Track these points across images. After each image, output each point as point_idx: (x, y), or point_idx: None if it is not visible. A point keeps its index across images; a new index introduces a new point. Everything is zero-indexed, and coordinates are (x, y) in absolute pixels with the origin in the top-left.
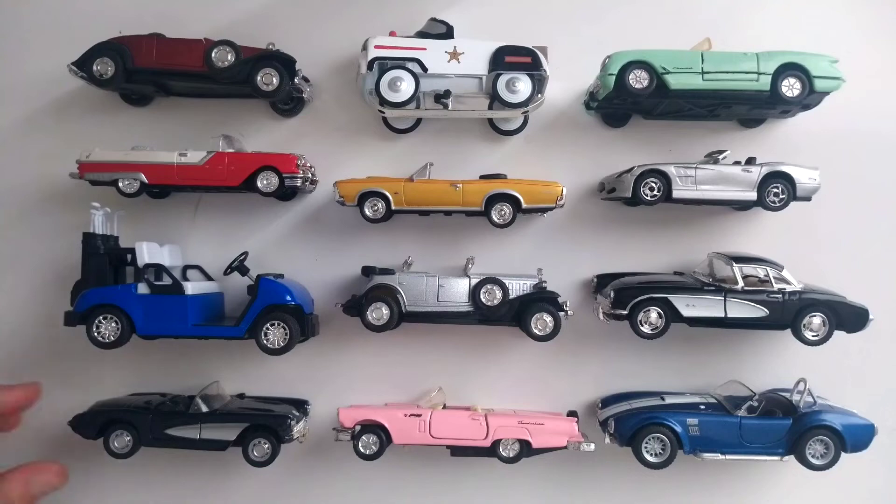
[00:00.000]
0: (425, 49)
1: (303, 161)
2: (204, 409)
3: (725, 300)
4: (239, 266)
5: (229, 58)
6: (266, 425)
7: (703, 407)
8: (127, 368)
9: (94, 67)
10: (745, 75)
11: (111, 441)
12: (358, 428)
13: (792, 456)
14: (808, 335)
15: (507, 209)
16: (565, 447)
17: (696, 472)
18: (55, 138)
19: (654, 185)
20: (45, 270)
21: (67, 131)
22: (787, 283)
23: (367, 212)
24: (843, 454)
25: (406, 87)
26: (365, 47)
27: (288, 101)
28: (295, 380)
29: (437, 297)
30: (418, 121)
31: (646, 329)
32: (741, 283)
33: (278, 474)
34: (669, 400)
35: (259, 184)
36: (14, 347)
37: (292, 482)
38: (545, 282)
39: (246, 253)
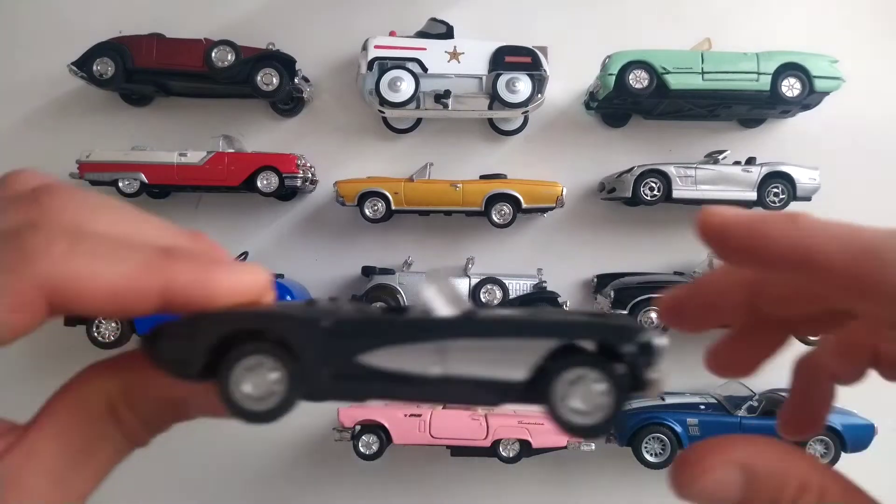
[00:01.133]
0: (425, 49)
1: (303, 161)
2: (443, 310)
3: None
4: None
5: (229, 58)
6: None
7: (703, 407)
8: None
9: (94, 67)
10: (745, 75)
11: (232, 384)
12: (358, 428)
13: None
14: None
15: (507, 209)
16: (565, 447)
17: None
18: (55, 138)
19: (654, 185)
20: None
21: (67, 131)
22: None
23: (367, 212)
24: (842, 454)
25: (406, 87)
26: (365, 47)
27: (288, 101)
28: None
29: None
30: (418, 121)
31: None
32: None
33: (274, 476)
34: (669, 400)
35: (259, 184)
36: (13, 348)
37: (290, 483)
38: (545, 282)
39: (246, 253)
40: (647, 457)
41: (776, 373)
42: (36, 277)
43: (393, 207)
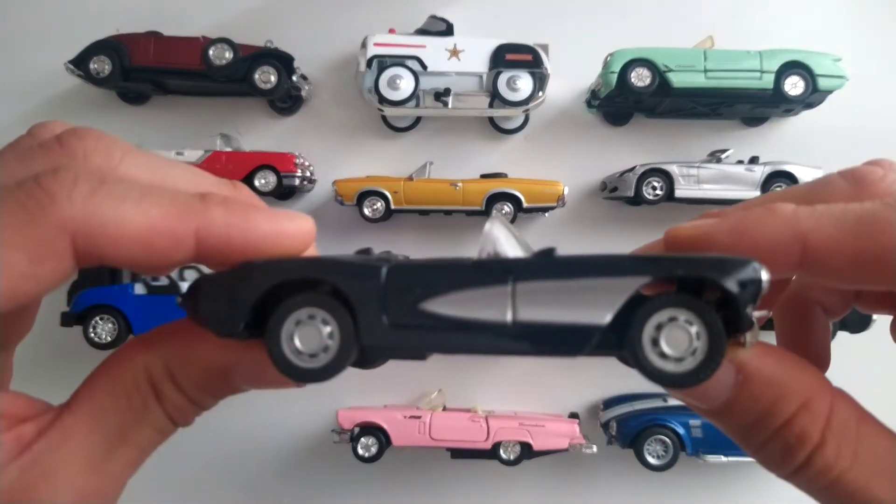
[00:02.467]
0: (425, 46)
1: (301, 160)
2: (512, 251)
3: None
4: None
5: (227, 56)
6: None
7: None
8: None
9: (91, 66)
10: (748, 73)
11: (283, 340)
12: (356, 430)
13: None
14: None
15: (507, 209)
16: (567, 450)
17: (699, 474)
18: None
19: (656, 184)
20: None
21: None
22: None
23: (367, 211)
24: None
25: (405, 84)
26: (364, 45)
27: (286, 100)
28: None
29: None
30: (418, 119)
31: None
32: None
33: (271, 479)
34: (672, 401)
35: (257, 183)
36: None
37: (288, 486)
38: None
39: None
40: (650, 459)
41: None
42: (57, 222)
43: (392, 207)
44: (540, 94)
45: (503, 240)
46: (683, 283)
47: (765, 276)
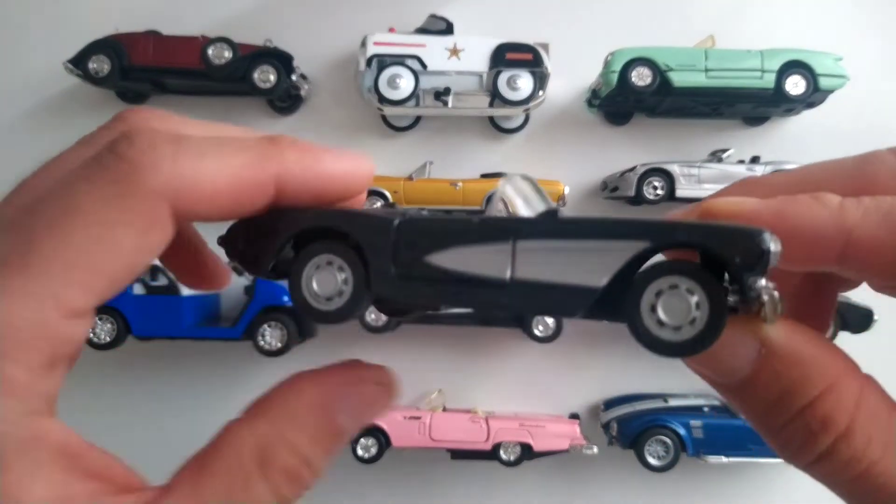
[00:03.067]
0: (425, 46)
1: None
2: (522, 211)
3: None
4: (236, 266)
5: (226, 55)
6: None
7: (706, 409)
8: (124, 371)
9: (90, 65)
10: (749, 73)
11: (303, 282)
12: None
13: None
14: None
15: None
16: (567, 450)
17: (700, 475)
18: (50, 137)
19: (657, 184)
20: None
21: (62, 130)
22: None
23: None
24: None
25: (405, 84)
26: (363, 44)
27: (285, 99)
28: None
29: None
30: (418, 119)
31: None
32: None
33: None
34: (673, 402)
35: None
36: None
37: None
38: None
39: None
40: (651, 460)
41: None
42: (152, 189)
43: None
44: (540, 93)
45: (516, 197)
46: (707, 254)
47: (774, 247)
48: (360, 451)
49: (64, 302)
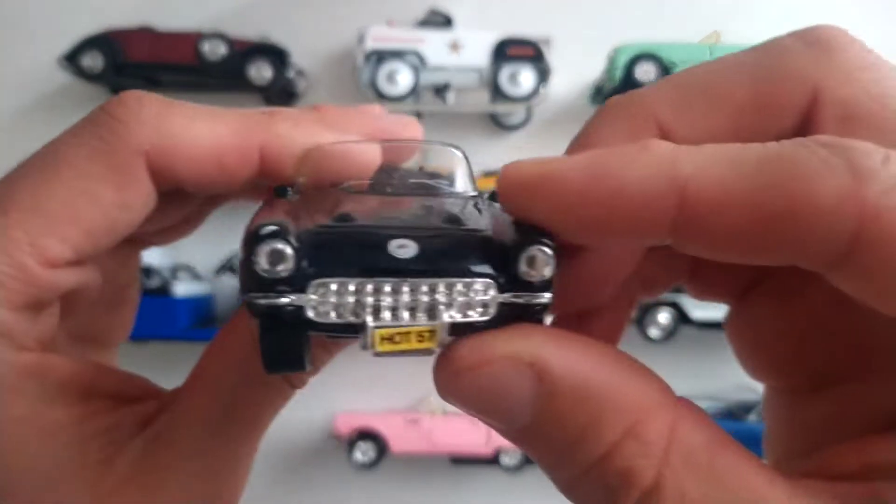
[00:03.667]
0: (424, 40)
1: None
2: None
3: None
4: (231, 266)
5: (221, 50)
6: None
7: (711, 412)
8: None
9: (84, 61)
10: None
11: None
12: (354, 435)
13: None
14: None
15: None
16: None
17: None
18: (43, 135)
19: None
20: None
21: (56, 127)
22: None
23: None
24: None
25: (404, 79)
26: (362, 39)
27: (282, 95)
28: None
29: None
30: (417, 115)
31: (654, 333)
32: None
33: (266, 485)
34: None
35: None
36: None
37: (282, 493)
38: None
39: None
40: None
41: None
42: (131, 144)
43: None
44: (542, 89)
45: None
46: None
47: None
48: (357, 457)
49: (40, 250)
